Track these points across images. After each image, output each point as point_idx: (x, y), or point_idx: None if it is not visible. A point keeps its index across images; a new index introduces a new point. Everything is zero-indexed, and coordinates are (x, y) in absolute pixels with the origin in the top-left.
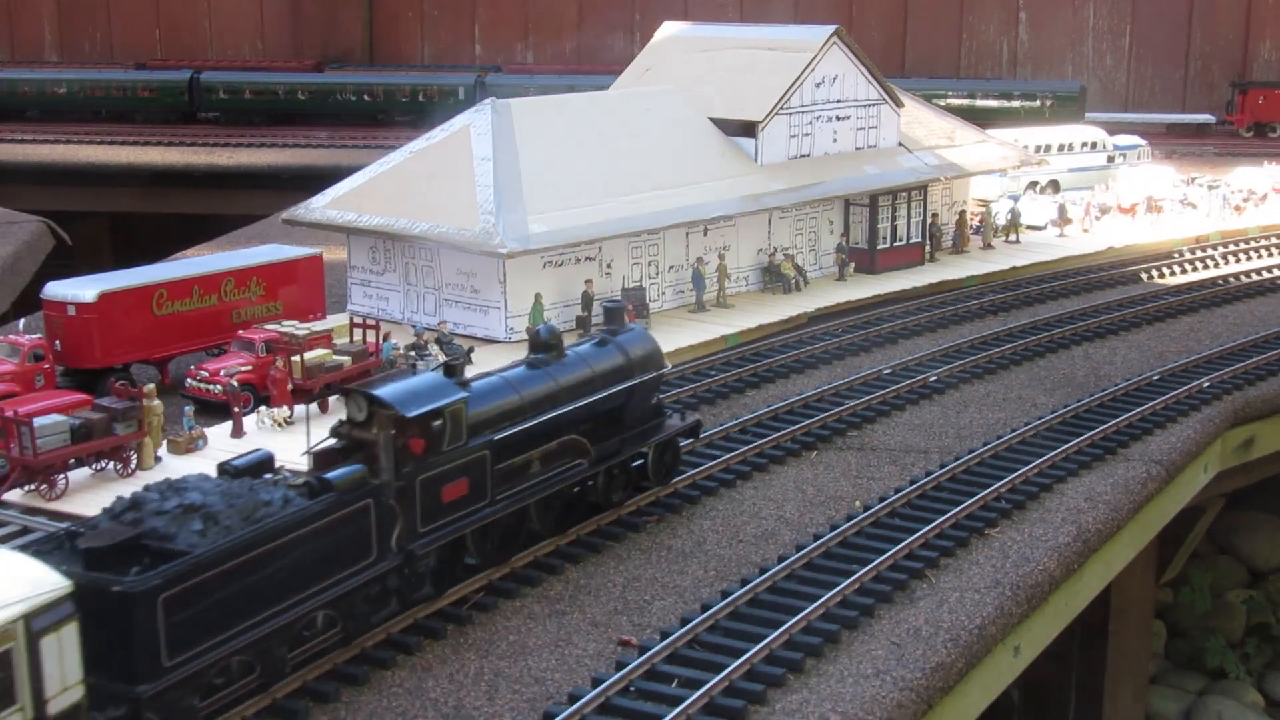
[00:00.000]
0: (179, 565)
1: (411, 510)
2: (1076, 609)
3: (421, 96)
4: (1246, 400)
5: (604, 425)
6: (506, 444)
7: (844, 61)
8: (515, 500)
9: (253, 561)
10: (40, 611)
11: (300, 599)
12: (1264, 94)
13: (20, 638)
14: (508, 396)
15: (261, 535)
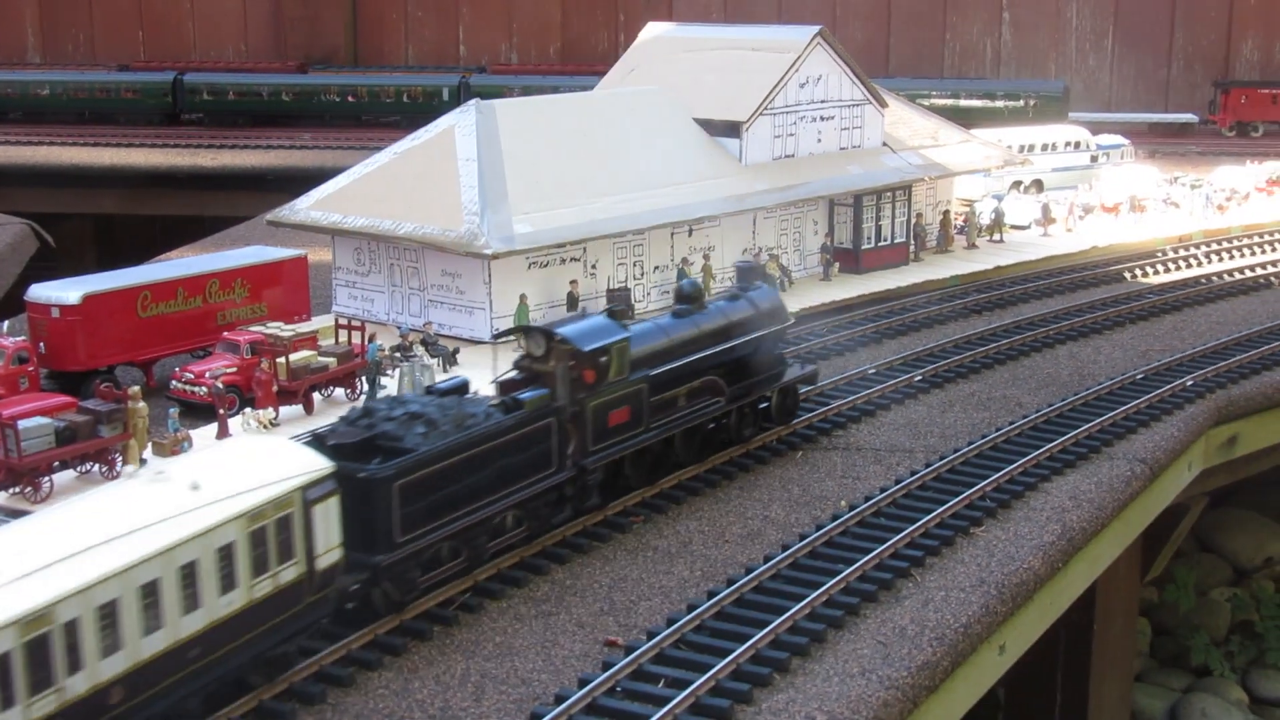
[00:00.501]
0: (409, 459)
1: (584, 431)
2: (1061, 607)
3: (406, 97)
4: (1229, 398)
5: (736, 369)
6: (659, 380)
7: (828, 62)
8: (665, 429)
9: (463, 461)
10: (312, 485)
11: (497, 497)
12: (1246, 93)
13: (298, 505)
14: (660, 339)
15: (471, 440)
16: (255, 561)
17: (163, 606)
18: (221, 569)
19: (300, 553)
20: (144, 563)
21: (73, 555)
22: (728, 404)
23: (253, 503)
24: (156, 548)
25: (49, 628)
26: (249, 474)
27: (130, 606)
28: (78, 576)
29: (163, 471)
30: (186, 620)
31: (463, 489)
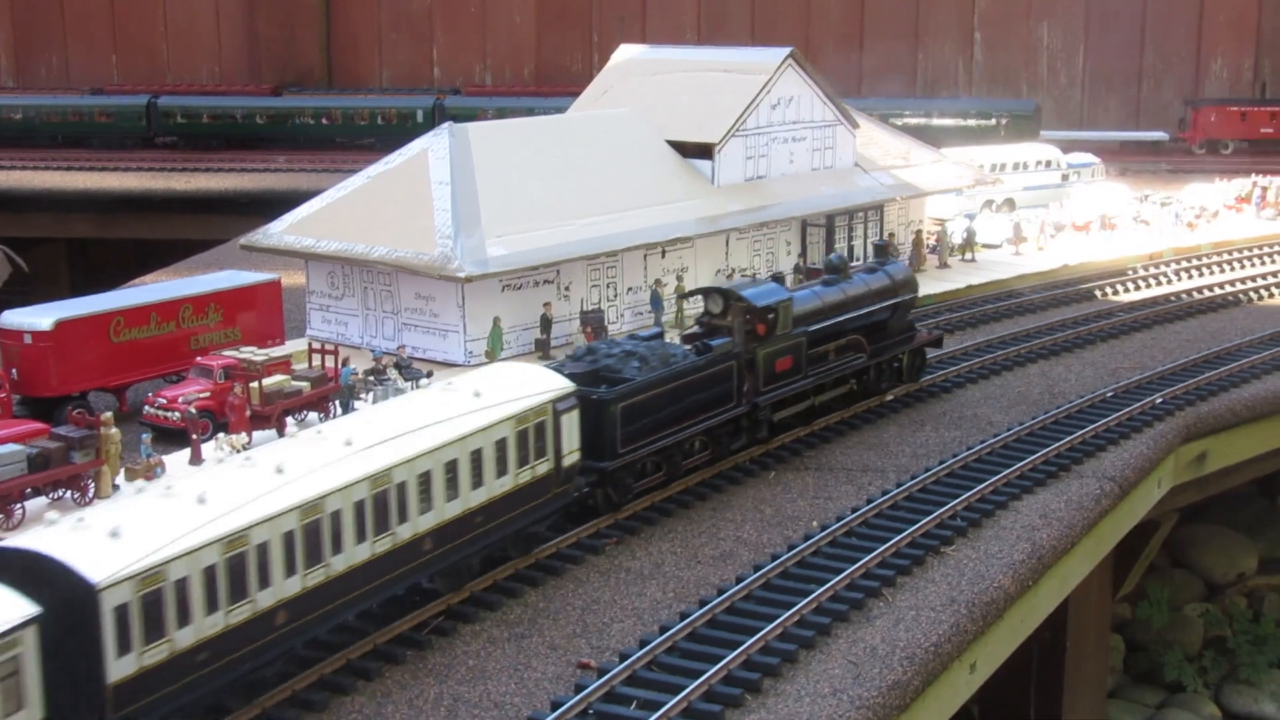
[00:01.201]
0: (628, 386)
1: (756, 374)
2: (1032, 625)
3: (380, 119)
4: (1199, 416)
5: (876, 331)
6: (816, 335)
7: (799, 83)
8: (820, 377)
9: (667, 391)
10: (560, 400)
11: (690, 423)
12: (1216, 111)
13: (550, 414)
14: (815, 302)
15: (674, 374)
16: (520, 455)
17: (459, 481)
18: (498, 458)
19: (550, 452)
20: (447, 445)
21: (399, 436)
22: (869, 360)
23: (520, 409)
24: (455, 435)
25: (388, 485)
26: (515, 388)
27: (438, 478)
28: (405, 451)
29: (451, 382)
30: (473, 494)
31: (666, 414)
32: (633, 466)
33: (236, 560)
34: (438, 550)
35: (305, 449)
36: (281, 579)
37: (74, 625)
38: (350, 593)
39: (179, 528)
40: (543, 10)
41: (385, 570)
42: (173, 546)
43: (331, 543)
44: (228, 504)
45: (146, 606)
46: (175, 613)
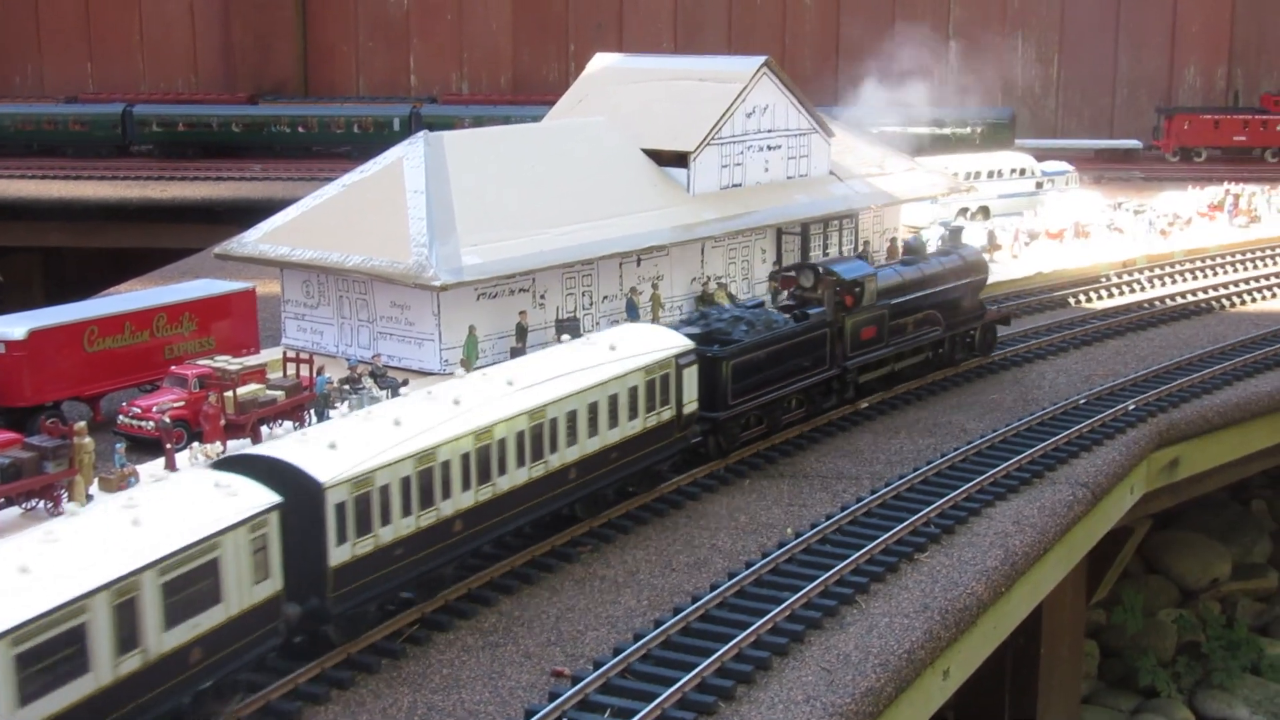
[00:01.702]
0: (737, 345)
1: (845, 341)
2: (1005, 631)
3: (356, 128)
4: (1172, 422)
5: (949, 307)
6: (896, 308)
7: (774, 92)
8: (900, 346)
9: (770, 352)
10: (682, 355)
11: (789, 382)
12: (1189, 119)
13: (674, 367)
14: (896, 279)
15: (776, 336)
16: (648, 401)
17: (599, 421)
18: (630, 403)
19: (673, 400)
20: (590, 389)
21: (551, 379)
22: (943, 332)
23: (649, 361)
24: (596, 380)
25: (543, 420)
26: (645, 344)
27: (582, 417)
28: (557, 391)
29: (590, 338)
30: (610, 432)
31: (769, 373)
32: (740, 418)
33: (426, 474)
34: (580, 480)
35: (475, 386)
36: (459, 492)
37: (304, 516)
38: (511, 509)
39: (382, 444)
40: (519, 19)
41: (539, 493)
42: (378, 458)
43: (498, 465)
44: (418, 427)
45: (359, 506)
46: (380, 513)
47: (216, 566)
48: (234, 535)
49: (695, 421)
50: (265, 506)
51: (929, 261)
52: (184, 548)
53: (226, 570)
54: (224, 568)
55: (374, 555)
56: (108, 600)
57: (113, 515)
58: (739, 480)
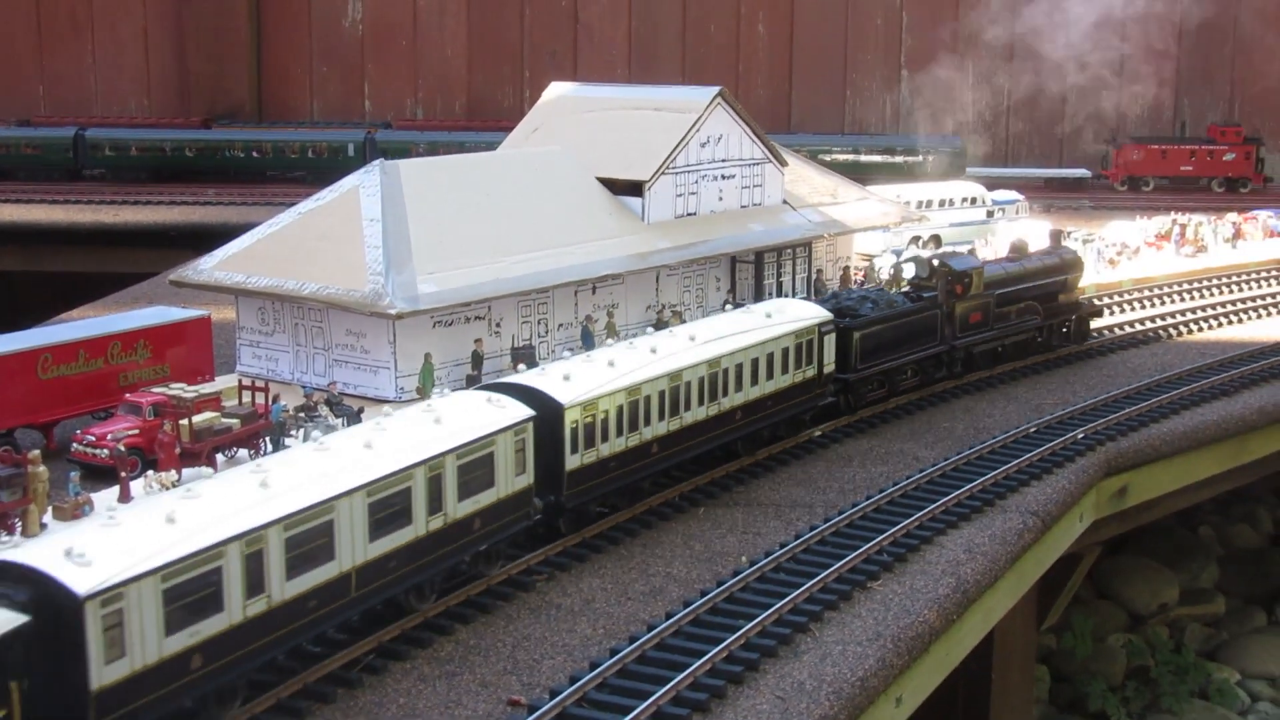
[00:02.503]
0: (864, 319)
1: (954, 322)
2: (957, 658)
3: (311, 153)
4: (1120, 450)
5: (1047, 298)
6: (1000, 297)
7: (728, 121)
8: (1002, 330)
9: (891, 326)
10: (823, 324)
11: (905, 354)
12: (1137, 149)
13: (816, 334)
14: (1001, 272)
15: (897, 313)
16: (796, 360)
17: (759, 373)
18: (783, 360)
19: (815, 361)
20: (753, 346)
21: (723, 337)
22: (1041, 321)
23: (798, 327)
24: (758, 340)
25: (718, 369)
26: (794, 313)
27: (746, 369)
28: (729, 346)
29: (749, 307)
30: (767, 383)
31: (890, 344)
32: (866, 381)
33: (634, 404)
34: (743, 420)
35: (666, 340)
36: (656, 421)
37: (548, 430)
38: (693, 439)
39: (602, 379)
40: (474, 44)
41: (713, 428)
42: (601, 389)
43: (684, 402)
44: (627, 368)
45: (587, 425)
46: (600, 432)
47: (491, 459)
48: (504, 436)
49: (831, 380)
50: (524, 418)
51: (1030, 259)
52: (472, 440)
53: (498, 462)
54: (496, 460)
55: (595, 465)
56: (424, 474)
57: (417, 416)
58: (693, 509)
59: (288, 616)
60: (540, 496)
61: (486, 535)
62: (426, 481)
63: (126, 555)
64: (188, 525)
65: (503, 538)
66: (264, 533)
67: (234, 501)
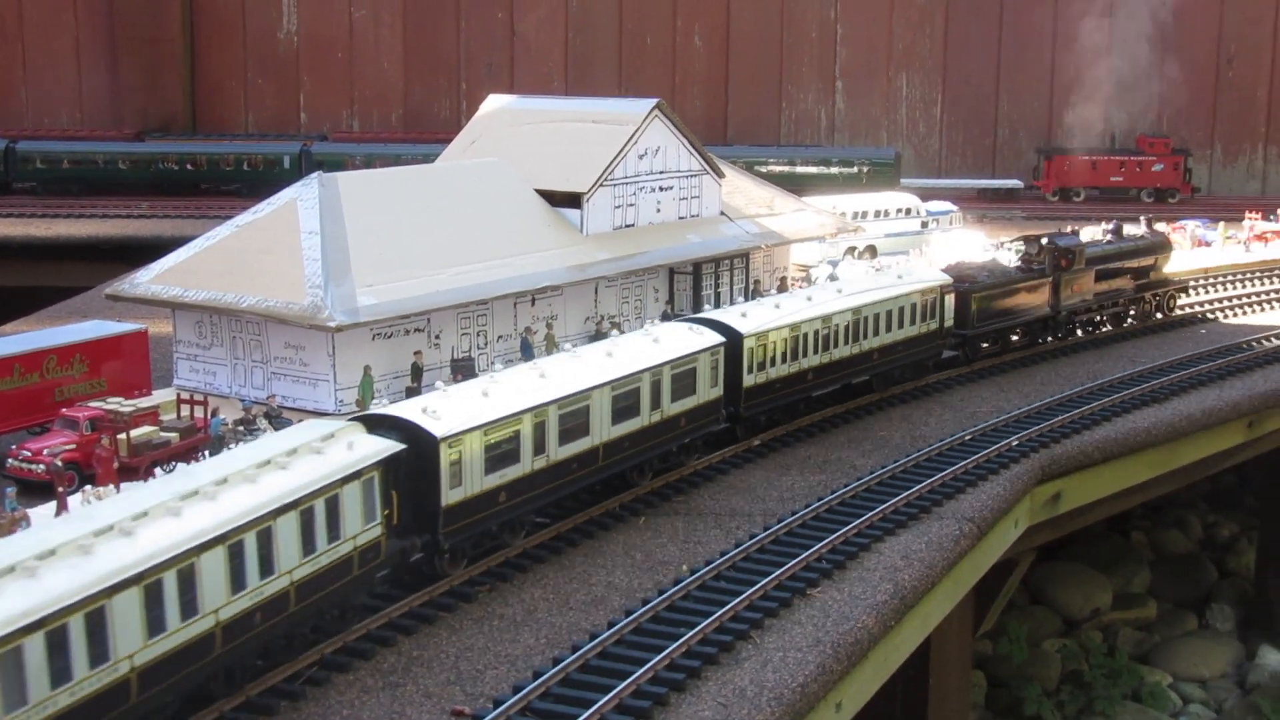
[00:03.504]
0: (981, 283)
1: (1059, 291)
2: (896, 663)
3: (246, 165)
4: (1053, 457)
5: (1141, 274)
6: (1100, 271)
7: (666, 134)
8: (1101, 299)
9: (1004, 291)
10: (945, 285)
11: (1015, 317)
12: (1068, 160)
13: (938, 294)
14: (1100, 250)
15: (1009, 280)
16: (922, 314)
17: (891, 323)
18: (912, 313)
19: (938, 317)
20: (888, 300)
21: (865, 291)
22: (1132, 294)
23: (924, 286)
24: (892, 295)
25: (861, 315)
26: (920, 275)
27: (882, 319)
28: (870, 298)
29: (880, 268)
30: (900, 331)
31: (1002, 308)
32: (981, 337)
33: (795, 339)
34: (880, 360)
35: (819, 291)
36: (812, 354)
37: (730, 355)
38: (839, 372)
39: (771, 317)
40: (410, 57)
41: (856, 364)
42: (771, 325)
43: (834, 341)
44: (790, 310)
45: (760, 353)
46: (769, 360)
47: (694, 373)
48: (703, 356)
49: (950, 335)
50: (718, 343)
51: (1126, 240)
52: (682, 356)
53: (699, 376)
54: (698, 374)
55: (765, 385)
56: (649, 378)
57: (642, 338)
58: (634, 518)
59: (557, 474)
60: (725, 407)
61: (689, 431)
62: (650, 384)
63: (462, 415)
64: (497, 400)
65: (699, 435)
66: (547, 408)
67: (526, 386)
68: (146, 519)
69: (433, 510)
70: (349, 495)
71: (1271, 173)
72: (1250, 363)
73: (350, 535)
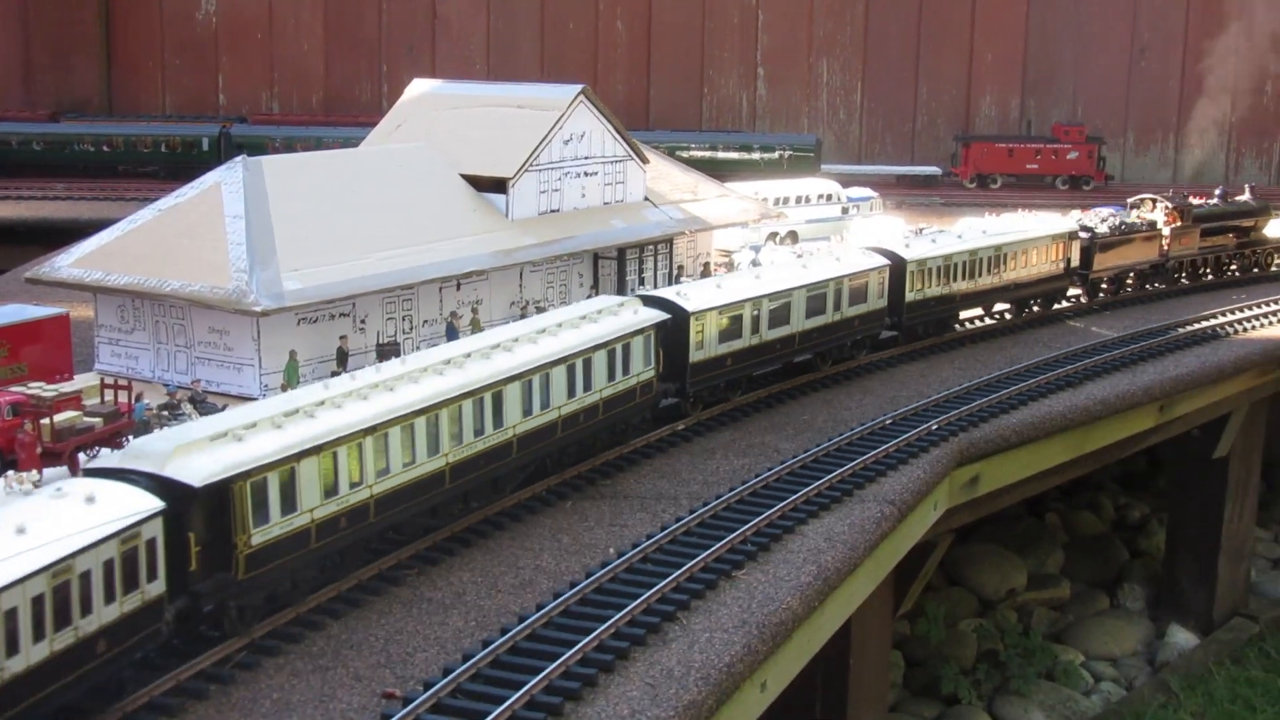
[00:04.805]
0: (1100, 234)
1: (1166, 244)
2: (819, 644)
3: (164, 147)
4: (971, 441)
5: (1241, 232)
6: (1204, 228)
7: (591, 119)
8: (1205, 252)
9: (1120, 240)
10: (1070, 234)
11: (1131, 264)
12: (985, 147)
13: (1066, 239)
14: (1205, 209)
15: (1124, 231)
16: (1050, 256)
17: (1027, 261)
18: (1041, 254)
19: (1064, 260)
20: (1021, 241)
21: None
22: (1235, 249)
23: (1055, 231)
24: (1023, 238)
25: (1003, 253)
26: (1051, 225)
27: (1019, 257)
28: (1009, 239)
29: (1007, 219)
30: (1031, 269)
31: (1119, 255)
32: (1100, 279)
33: (947, 268)
34: (1018, 292)
35: (968, 229)
36: (965, 280)
37: (895, 274)
38: (989, 298)
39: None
40: (330, 38)
41: (1001, 293)
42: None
43: (981, 270)
44: (944, 243)
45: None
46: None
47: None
48: (873, 274)
49: (1074, 274)
50: (884, 264)
51: (1230, 203)
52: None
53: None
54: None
55: (921, 302)
56: (833, 286)
57: (827, 257)
58: (561, 502)
59: (766, 350)
60: (889, 317)
61: (861, 330)
62: (834, 291)
63: (705, 299)
64: (728, 291)
65: (869, 335)
66: (761, 300)
67: (748, 284)
68: (518, 343)
69: (683, 365)
70: (636, 345)
71: (1181, 159)
72: (1162, 348)
73: (635, 373)
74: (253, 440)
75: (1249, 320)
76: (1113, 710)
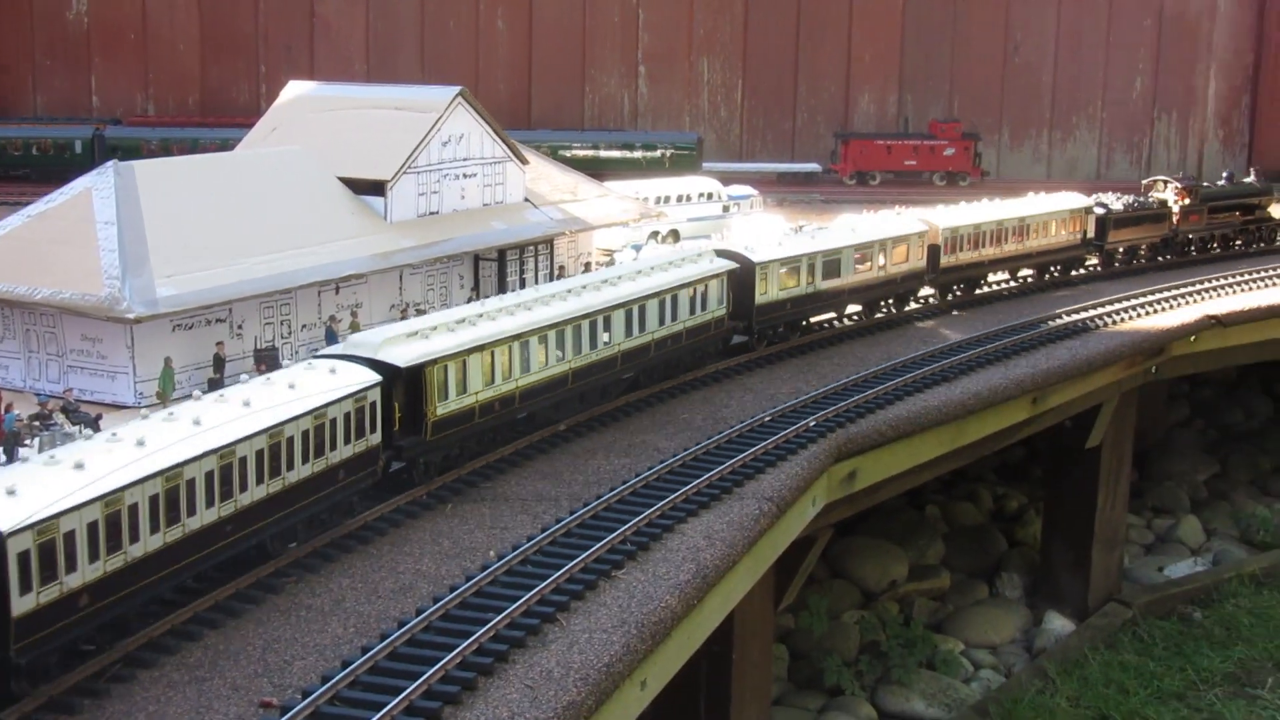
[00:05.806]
0: (1114, 211)
1: (1176, 221)
2: (699, 640)
3: (35, 150)
4: (849, 437)
5: (1246, 210)
6: (1212, 207)
7: (469, 121)
8: (1212, 229)
9: (1132, 217)
10: (1086, 209)
11: (1143, 238)
12: (864, 144)
13: (1082, 214)
14: (1214, 189)
15: (1139, 209)
16: (1068, 228)
17: (1050, 231)
18: (1059, 226)
19: (1081, 232)
20: (1042, 214)
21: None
22: (1242, 225)
23: (1071, 208)
24: (1050, 210)
25: (1025, 223)
26: (1068, 201)
27: (1040, 227)
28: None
29: (1037, 198)
30: (1050, 239)
31: (1131, 230)
32: (1115, 251)
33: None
34: (1036, 258)
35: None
36: (987, 248)
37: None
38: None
39: (785, 249)
40: (206, 39)
41: (1020, 259)
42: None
43: (1004, 239)
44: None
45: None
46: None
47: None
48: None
49: (1090, 245)
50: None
51: (1235, 185)
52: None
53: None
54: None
55: (957, 266)
56: (878, 246)
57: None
58: (441, 505)
59: (821, 298)
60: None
61: (901, 286)
62: (880, 249)
63: (769, 251)
64: (788, 247)
65: (903, 292)
66: (816, 255)
67: (805, 240)
68: (622, 279)
69: (749, 307)
70: (713, 286)
71: (1055, 155)
72: (1034, 342)
73: (711, 310)
74: (436, 339)
75: (1117, 313)
76: (991, 697)
